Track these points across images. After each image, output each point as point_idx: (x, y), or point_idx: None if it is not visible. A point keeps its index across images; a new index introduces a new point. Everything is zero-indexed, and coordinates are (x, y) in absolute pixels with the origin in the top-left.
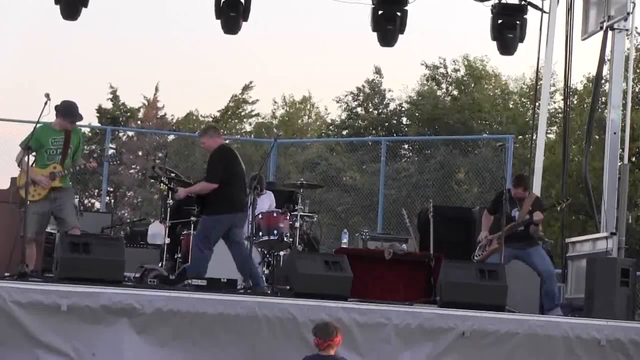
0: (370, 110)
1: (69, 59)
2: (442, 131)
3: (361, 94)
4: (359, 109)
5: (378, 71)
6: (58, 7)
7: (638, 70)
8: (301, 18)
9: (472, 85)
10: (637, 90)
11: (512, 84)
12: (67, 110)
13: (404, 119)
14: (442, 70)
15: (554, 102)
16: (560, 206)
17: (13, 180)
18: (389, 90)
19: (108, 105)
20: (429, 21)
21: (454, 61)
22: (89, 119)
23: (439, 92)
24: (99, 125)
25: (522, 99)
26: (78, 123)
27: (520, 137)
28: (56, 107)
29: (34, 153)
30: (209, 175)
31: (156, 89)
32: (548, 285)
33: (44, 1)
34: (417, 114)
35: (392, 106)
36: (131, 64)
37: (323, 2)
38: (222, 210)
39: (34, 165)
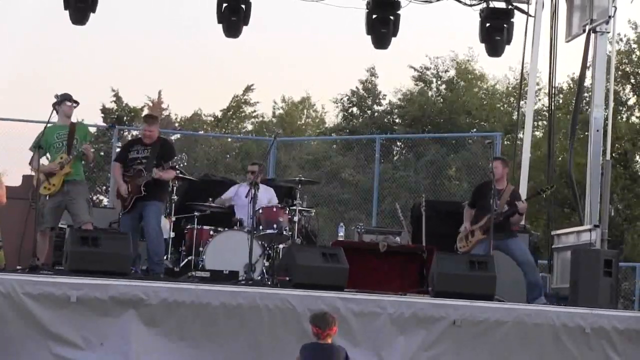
0: (365, 110)
1: (74, 60)
2: (432, 130)
3: (355, 96)
4: (354, 109)
5: (372, 73)
6: (67, 12)
7: (619, 72)
8: (299, 21)
9: (462, 83)
10: (619, 90)
11: (499, 85)
12: (61, 97)
13: (397, 119)
14: (432, 71)
15: (539, 101)
16: (545, 193)
17: (24, 178)
18: (382, 94)
19: (112, 105)
20: (420, 25)
21: (443, 62)
22: (94, 119)
23: (429, 93)
24: (105, 125)
25: (509, 98)
26: (86, 122)
27: (508, 135)
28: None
29: (47, 155)
30: (172, 162)
31: (159, 94)
32: (530, 275)
33: (50, 5)
34: (406, 116)
35: (384, 106)
36: (135, 66)
37: (320, 7)
38: (165, 198)
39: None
